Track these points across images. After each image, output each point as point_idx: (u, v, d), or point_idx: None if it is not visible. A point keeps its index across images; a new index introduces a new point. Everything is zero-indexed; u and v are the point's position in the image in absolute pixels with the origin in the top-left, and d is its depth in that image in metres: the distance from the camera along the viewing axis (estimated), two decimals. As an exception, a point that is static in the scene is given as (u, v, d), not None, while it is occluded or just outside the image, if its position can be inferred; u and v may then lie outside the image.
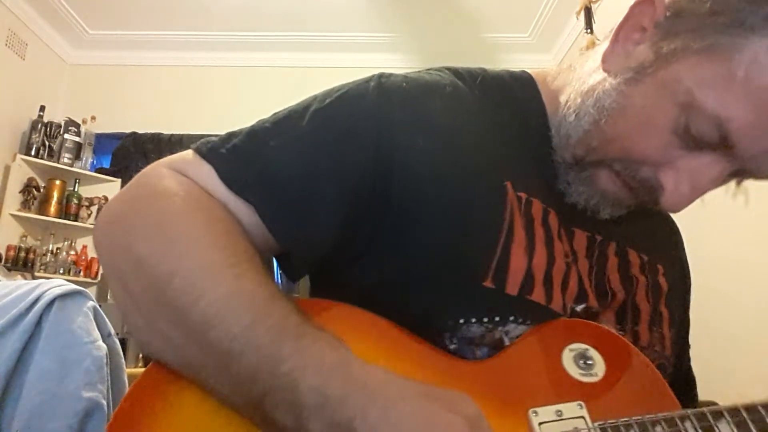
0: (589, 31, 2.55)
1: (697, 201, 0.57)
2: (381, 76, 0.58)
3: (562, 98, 0.60)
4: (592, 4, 2.57)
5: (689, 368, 0.70)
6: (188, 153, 0.54)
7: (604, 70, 0.55)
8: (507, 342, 0.52)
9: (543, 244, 0.55)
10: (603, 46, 0.58)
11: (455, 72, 0.63)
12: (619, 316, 0.59)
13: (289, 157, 0.52)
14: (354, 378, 0.40)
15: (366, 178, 0.53)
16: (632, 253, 0.62)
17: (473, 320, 0.51)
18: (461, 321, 0.51)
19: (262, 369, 0.40)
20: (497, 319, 0.52)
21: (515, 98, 0.63)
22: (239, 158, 0.52)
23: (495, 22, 3.48)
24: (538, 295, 0.53)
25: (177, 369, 0.45)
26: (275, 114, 0.56)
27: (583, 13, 2.59)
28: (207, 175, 0.51)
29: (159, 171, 0.52)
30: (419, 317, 0.52)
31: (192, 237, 0.46)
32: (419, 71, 0.63)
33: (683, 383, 0.67)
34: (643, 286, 0.61)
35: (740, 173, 0.51)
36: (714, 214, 2.05)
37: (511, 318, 0.52)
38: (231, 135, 0.54)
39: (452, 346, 0.51)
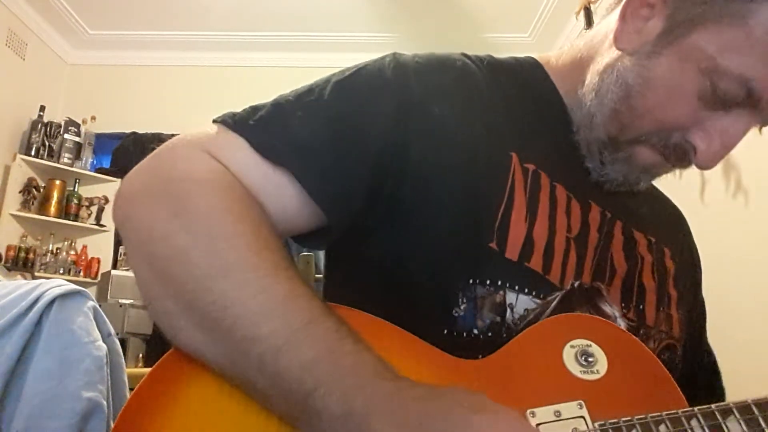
0: (588, 30, 2.55)
1: (698, 201, 0.57)
2: (395, 53, 0.61)
3: (574, 78, 0.62)
4: (591, 4, 2.58)
5: (710, 357, 0.69)
6: (212, 127, 0.54)
7: (618, 49, 0.56)
8: (510, 314, 0.53)
9: (546, 216, 0.56)
10: (605, 24, 0.61)
11: (463, 54, 0.65)
12: (623, 294, 0.59)
13: (316, 125, 0.54)
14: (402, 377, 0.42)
15: (388, 145, 0.55)
16: (638, 234, 0.63)
17: (478, 281, 0.53)
18: (470, 281, 0.53)
19: (320, 362, 0.41)
20: (499, 282, 0.53)
21: (523, 79, 0.65)
22: (269, 128, 0.53)
23: (495, 22, 3.48)
24: (536, 264, 0.54)
25: (202, 355, 0.45)
26: (295, 90, 0.58)
27: (582, 13, 2.59)
28: (237, 147, 0.52)
29: (184, 151, 0.52)
30: (434, 279, 0.54)
31: (241, 237, 0.46)
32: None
33: (703, 373, 0.67)
34: (648, 264, 0.62)
35: (765, 122, 0.54)
36: (714, 214, 2.05)
37: (509, 284, 0.53)
38: (255, 108, 0.55)
39: (463, 306, 0.53)
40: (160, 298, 0.47)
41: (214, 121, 0.55)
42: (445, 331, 0.52)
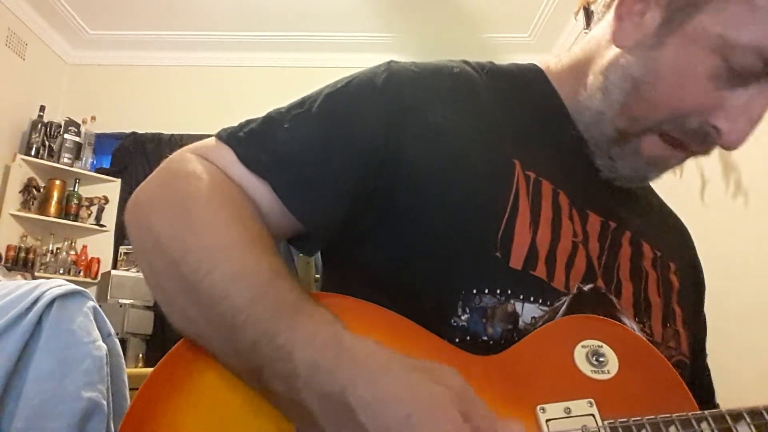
0: (588, 31, 2.55)
1: (698, 201, 0.57)
2: (391, 62, 0.61)
3: (573, 82, 0.62)
4: (590, 4, 2.58)
5: (708, 377, 0.68)
6: (211, 139, 0.58)
7: (619, 47, 0.57)
8: (521, 322, 0.52)
9: (548, 223, 0.56)
10: (598, 28, 0.61)
11: (464, 61, 0.65)
12: (636, 309, 0.58)
13: (301, 137, 0.55)
14: (344, 350, 0.41)
15: (377, 150, 0.55)
16: (646, 246, 0.62)
17: (486, 291, 0.52)
18: (474, 291, 0.52)
19: (261, 342, 0.42)
20: (509, 292, 0.53)
21: (524, 85, 0.65)
22: (256, 140, 0.56)
23: (495, 22, 3.48)
24: (540, 272, 0.54)
25: (194, 341, 0.48)
26: (291, 102, 0.59)
27: (582, 12, 2.59)
28: (227, 157, 0.55)
29: (184, 156, 0.56)
30: (432, 287, 0.53)
31: (206, 217, 0.49)
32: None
33: (701, 392, 0.65)
34: (653, 280, 0.61)
35: None
36: (714, 214, 2.05)
37: (513, 291, 0.53)
38: (249, 121, 0.58)
39: (464, 317, 0.52)
40: (154, 289, 0.50)
41: (214, 135, 0.58)
42: (446, 340, 0.52)
